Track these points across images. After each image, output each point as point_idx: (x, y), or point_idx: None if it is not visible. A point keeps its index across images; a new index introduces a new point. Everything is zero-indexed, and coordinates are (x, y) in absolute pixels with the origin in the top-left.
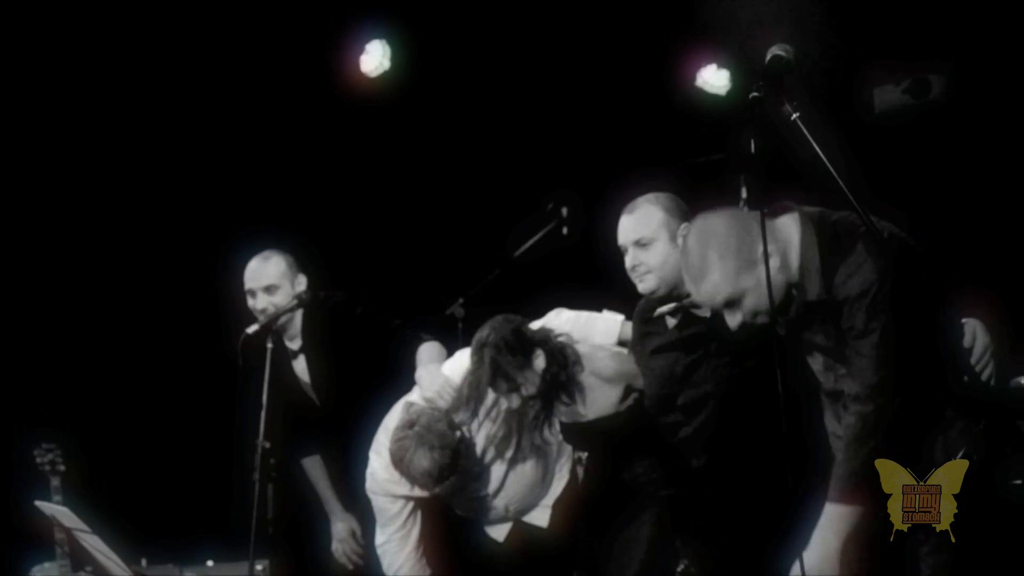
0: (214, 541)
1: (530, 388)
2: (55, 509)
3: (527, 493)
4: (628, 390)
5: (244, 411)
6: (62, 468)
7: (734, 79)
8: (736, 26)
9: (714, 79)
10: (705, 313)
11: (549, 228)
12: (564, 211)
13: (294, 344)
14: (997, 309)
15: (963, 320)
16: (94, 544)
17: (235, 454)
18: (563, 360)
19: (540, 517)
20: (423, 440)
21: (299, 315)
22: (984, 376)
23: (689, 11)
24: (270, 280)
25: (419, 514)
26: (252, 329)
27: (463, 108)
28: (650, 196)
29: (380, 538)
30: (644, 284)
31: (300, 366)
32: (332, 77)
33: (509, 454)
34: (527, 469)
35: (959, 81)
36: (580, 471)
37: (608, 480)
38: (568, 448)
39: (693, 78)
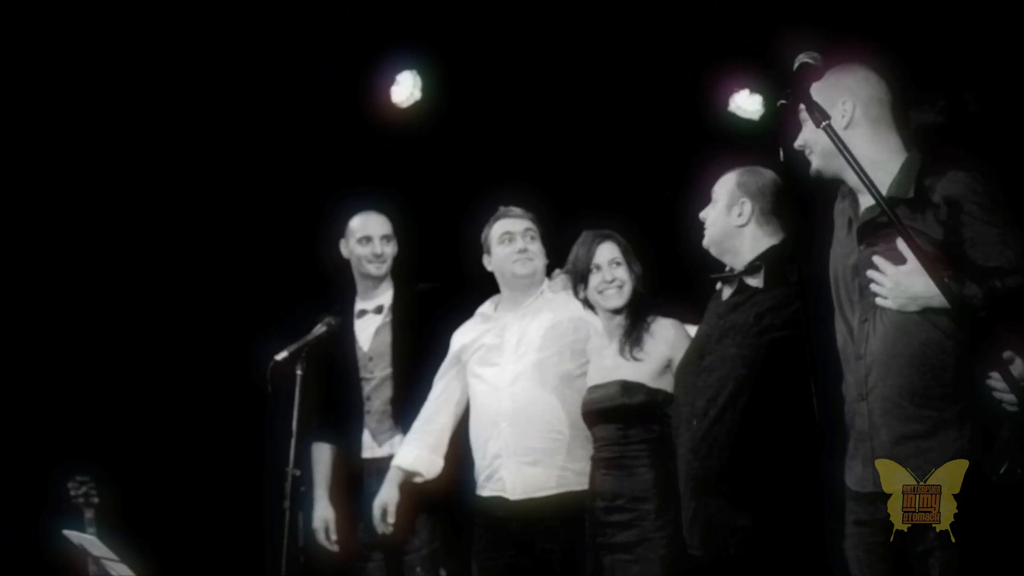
0: (245, 571)
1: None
2: (83, 538)
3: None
4: (667, 366)
5: (273, 439)
6: (96, 500)
7: (767, 104)
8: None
9: (747, 104)
10: (757, 282)
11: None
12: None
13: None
14: None
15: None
16: (122, 573)
17: (265, 482)
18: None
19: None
20: None
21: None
22: None
23: (722, 36)
24: (387, 230)
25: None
26: (281, 356)
27: (495, 137)
28: (746, 167)
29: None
30: (704, 239)
31: (367, 332)
32: (363, 108)
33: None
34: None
35: (992, 102)
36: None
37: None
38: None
39: (726, 103)
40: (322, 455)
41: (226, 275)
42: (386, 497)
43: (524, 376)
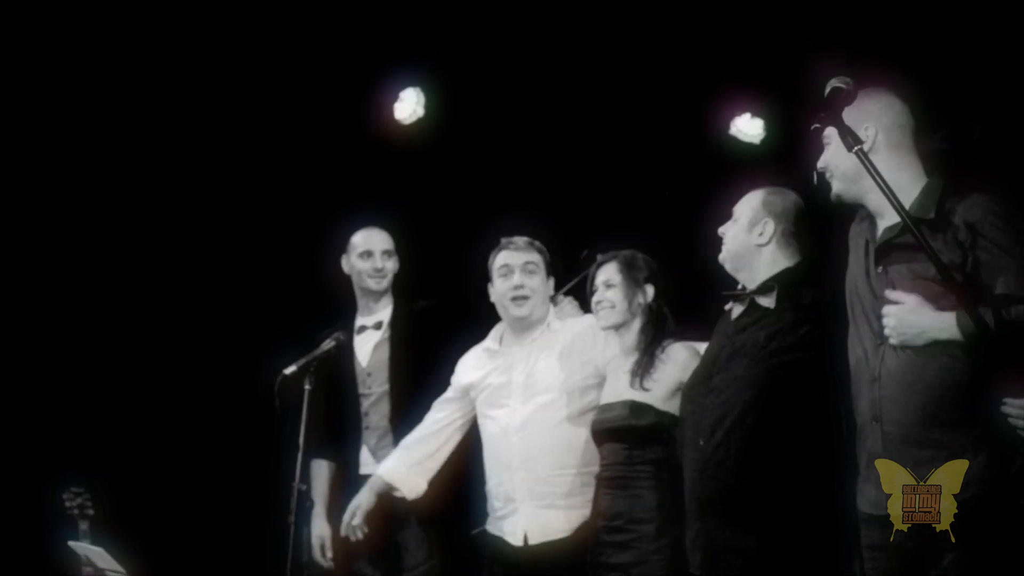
0: None
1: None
2: (89, 549)
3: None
4: (678, 388)
5: (280, 452)
6: (91, 512)
7: (768, 128)
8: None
9: (748, 128)
10: (768, 303)
11: (583, 275)
12: (599, 259)
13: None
14: None
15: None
16: None
17: (271, 496)
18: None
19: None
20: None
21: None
22: None
23: (724, 59)
24: (388, 245)
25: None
26: (290, 370)
27: (497, 155)
28: (771, 188)
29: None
30: (721, 253)
31: (366, 348)
32: (367, 125)
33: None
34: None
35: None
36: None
37: None
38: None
39: (727, 126)
40: (320, 472)
41: (235, 288)
42: (360, 500)
43: (534, 419)
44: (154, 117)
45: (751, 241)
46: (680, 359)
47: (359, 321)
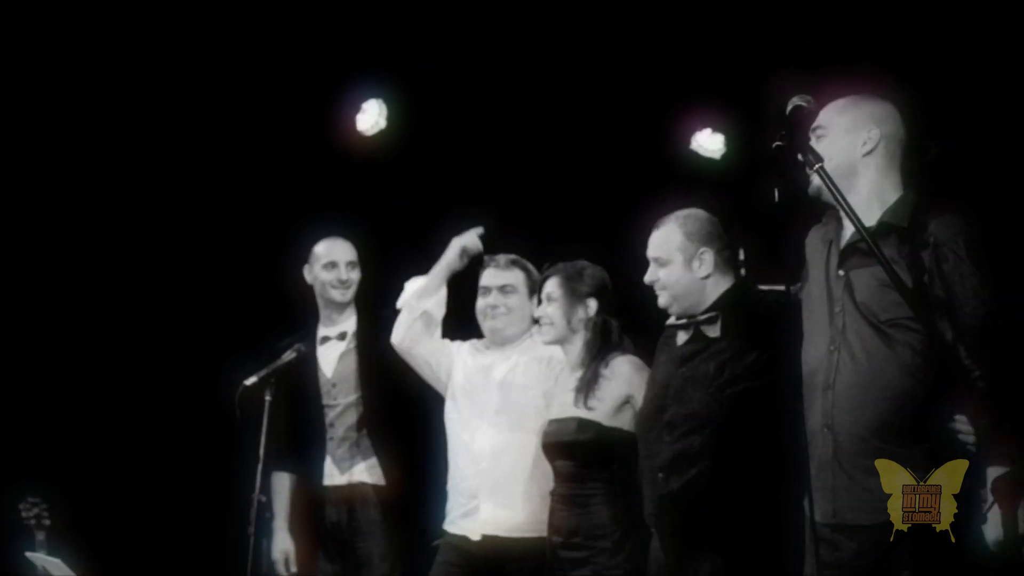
0: None
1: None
2: (46, 560)
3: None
4: (624, 403)
5: (240, 463)
6: (47, 522)
7: (729, 143)
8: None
9: (709, 143)
10: (714, 332)
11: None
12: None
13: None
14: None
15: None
16: None
17: (231, 508)
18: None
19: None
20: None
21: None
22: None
23: (685, 74)
24: (352, 256)
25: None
26: (251, 381)
27: (459, 167)
28: (679, 215)
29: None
30: (660, 299)
31: (330, 359)
32: (328, 136)
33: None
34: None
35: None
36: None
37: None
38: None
39: (688, 141)
40: (281, 484)
41: (195, 297)
42: None
43: (505, 418)
44: (114, 126)
45: (695, 277)
46: (624, 373)
47: (321, 331)
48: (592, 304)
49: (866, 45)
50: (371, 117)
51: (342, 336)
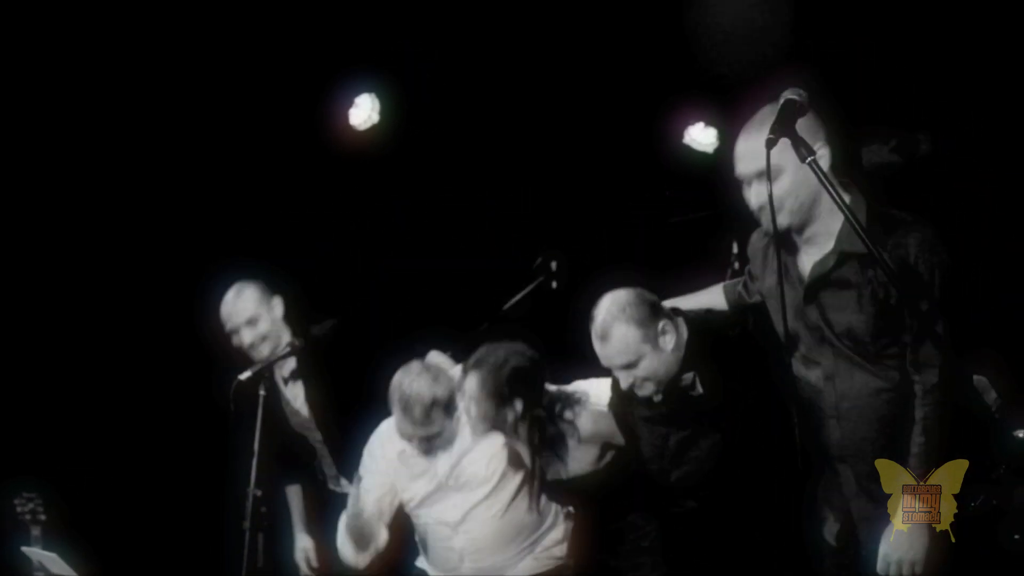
0: None
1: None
2: (42, 555)
3: (491, 541)
4: (605, 448)
5: (235, 458)
6: (43, 518)
7: (721, 137)
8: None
9: (702, 137)
10: (696, 391)
11: (538, 282)
12: (553, 265)
13: (294, 380)
14: (997, 364)
15: (974, 377)
16: None
17: (226, 502)
18: (548, 414)
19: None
20: (430, 370)
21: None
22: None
23: (679, 67)
24: (248, 313)
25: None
26: (245, 376)
27: (452, 161)
28: (617, 311)
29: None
30: (642, 392)
31: (299, 400)
32: (321, 130)
33: (483, 490)
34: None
35: (944, 140)
36: (570, 525)
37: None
38: (555, 506)
39: (681, 136)
40: (294, 494)
41: (191, 291)
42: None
43: (473, 515)
44: (110, 122)
45: (666, 355)
46: (587, 430)
47: (279, 372)
48: (518, 405)
49: (866, 45)
50: (364, 111)
51: (294, 375)
